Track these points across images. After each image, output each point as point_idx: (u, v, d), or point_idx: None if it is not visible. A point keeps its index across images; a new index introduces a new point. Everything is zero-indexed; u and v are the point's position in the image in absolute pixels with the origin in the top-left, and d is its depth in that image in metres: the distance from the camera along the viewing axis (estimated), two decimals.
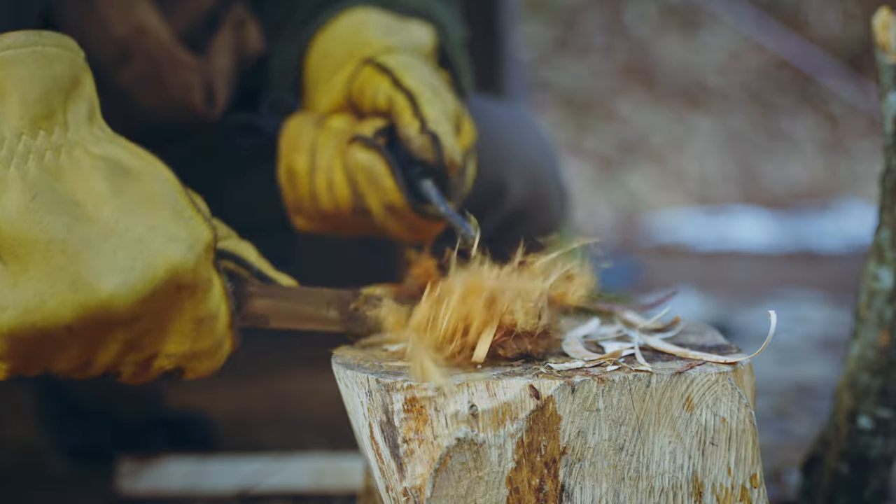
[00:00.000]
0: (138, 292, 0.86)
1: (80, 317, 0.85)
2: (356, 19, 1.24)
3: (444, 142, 1.08)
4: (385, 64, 1.14)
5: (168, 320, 0.90)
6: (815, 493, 1.23)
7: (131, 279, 0.86)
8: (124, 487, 1.51)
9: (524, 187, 1.47)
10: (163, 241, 0.87)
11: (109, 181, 0.88)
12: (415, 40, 1.21)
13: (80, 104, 0.90)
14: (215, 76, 1.27)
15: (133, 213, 0.87)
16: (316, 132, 1.16)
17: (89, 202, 0.86)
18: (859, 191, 5.60)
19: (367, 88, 1.15)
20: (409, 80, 1.11)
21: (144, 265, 0.86)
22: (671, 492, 0.87)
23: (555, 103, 6.38)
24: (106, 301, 0.85)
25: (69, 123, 0.89)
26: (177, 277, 0.88)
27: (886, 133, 1.13)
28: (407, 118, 1.10)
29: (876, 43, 1.14)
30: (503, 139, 1.47)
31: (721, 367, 0.88)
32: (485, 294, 0.90)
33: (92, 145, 0.89)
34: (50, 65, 0.88)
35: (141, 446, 1.62)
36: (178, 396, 1.78)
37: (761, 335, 2.64)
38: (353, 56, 1.19)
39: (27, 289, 0.83)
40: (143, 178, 0.90)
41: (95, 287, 0.85)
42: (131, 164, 0.90)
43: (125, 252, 0.86)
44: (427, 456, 0.85)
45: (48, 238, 0.84)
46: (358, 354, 0.97)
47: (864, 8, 6.38)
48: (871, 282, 1.16)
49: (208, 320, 0.92)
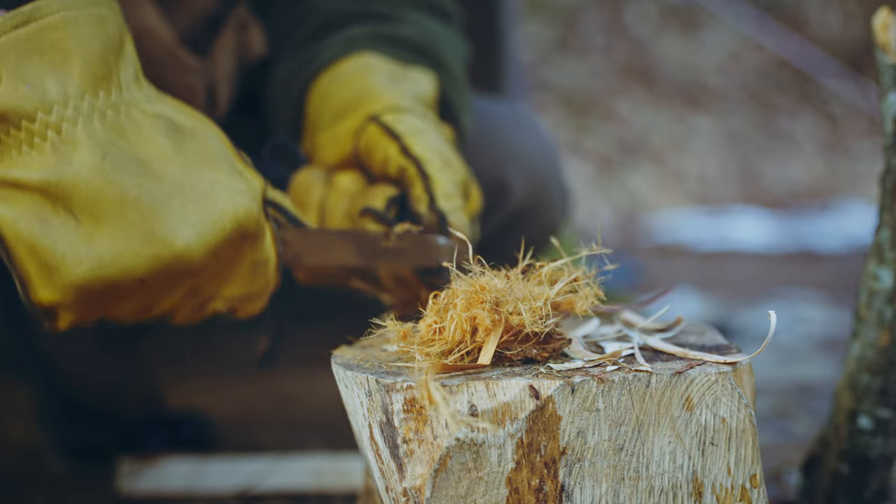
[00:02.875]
0: (209, 243, 0.91)
1: (155, 269, 0.90)
2: (361, 64, 1.24)
3: (450, 220, 1.09)
4: (392, 128, 1.14)
5: (231, 267, 0.95)
6: (815, 493, 1.23)
7: (203, 231, 0.91)
8: (124, 487, 1.51)
9: (526, 186, 1.47)
10: (227, 194, 0.93)
11: (169, 138, 0.92)
12: (418, 90, 1.22)
13: (128, 64, 0.94)
14: (217, 78, 1.27)
15: (196, 170, 0.92)
16: (325, 190, 1.16)
17: (153, 159, 0.91)
18: (859, 191, 5.61)
19: (375, 151, 1.15)
20: (418, 149, 1.12)
21: (214, 218, 0.92)
22: (671, 492, 0.87)
23: (555, 103, 6.39)
24: (182, 253, 0.90)
25: (122, 84, 0.93)
26: (243, 227, 0.94)
27: (886, 133, 1.14)
28: (417, 191, 1.11)
29: (876, 43, 1.14)
30: (504, 139, 1.47)
31: (721, 367, 0.88)
32: (490, 296, 0.90)
33: (145, 104, 0.93)
34: (105, 26, 0.92)
35: (141, 446, 1.62)
36: (178, 396, 1.78)
37: (761, 335, 2.65)
38: (359, 105, 1.19)
39: (102, 245, 0.88)
40: (196, 135, 0.95)
41: (170, 241, 0.90)
42: (183, 121, 0.95)
43: (195, 206, 0.91)
44: (427, 456, 0.85)
45: (121, 196, 0.88)
46: (358, 354, 0.97)
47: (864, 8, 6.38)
48: (871, 282, 1.16)
49: (262, 264, 0.98)
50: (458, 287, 0.91)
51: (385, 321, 0.93)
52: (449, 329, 0.89)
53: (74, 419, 1.69)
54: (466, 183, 1.16)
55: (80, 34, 0.90)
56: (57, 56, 0.89)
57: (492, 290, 0.90)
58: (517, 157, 1.47)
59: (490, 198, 1.41)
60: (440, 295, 0.92)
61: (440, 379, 0.86)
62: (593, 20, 6.76)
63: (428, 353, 0.90)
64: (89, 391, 1.69)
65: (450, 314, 0.90)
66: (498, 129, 1.46)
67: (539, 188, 1.51)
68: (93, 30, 0.90)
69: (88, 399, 1.69)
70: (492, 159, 1.40)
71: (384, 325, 0.93)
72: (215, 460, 1.53)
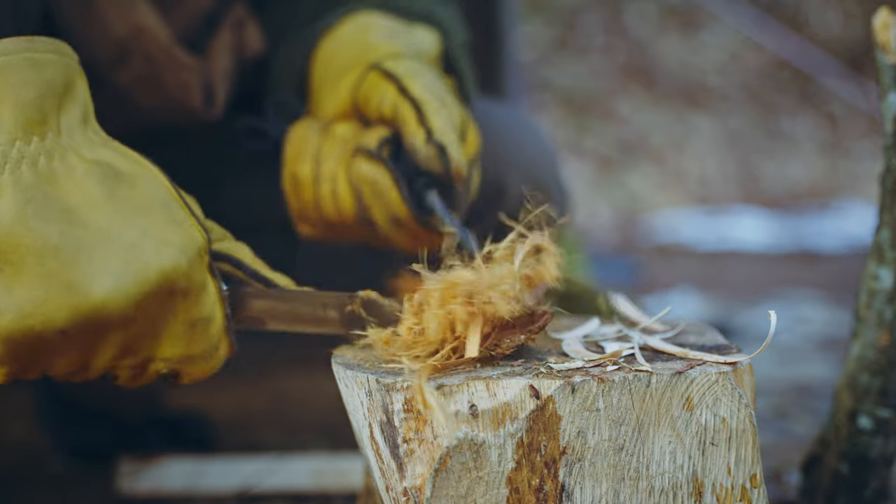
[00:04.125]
0: (131, 296, 0.86)
1: (74, 321, 0.85)
2: (361, 23, 1.24)
3: (450, 152, 1.08)
4: (391, 70, 1.14)
5: (162, 324, 0.90)
6: (815, 493, 1.23)
7: (123, 283, 0.86)
8: (124, 487, 1.51)
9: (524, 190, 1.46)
10: (155, 245, 0.88)
11: (103, 185, 0.88)
12: (420, 45, 1.21)
13: (73, 109, 0.90)
14: (214, 76, 1.27)
15: (125, 219, 0.88)
16: (321, 139, 1.15)
17: (83, 207, 0.87)
18: (859, 191, 5.60)
19: (372, 95, 1.14)
20: (415, 88, 1.11)
21: (136, 269, 0.87)
22: (671, 492, 0.87)
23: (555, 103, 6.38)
24: (99, 305, 0.85)
25: (62, 128, 0.89)
26: (169, 282, 0.88)
27: (886, 133, 1.13)
28: (412, 127, 1.10)
29: (876, 43, 1.14)
30: (503, 141, 1.46)
31: (721, 367, 0.88)
32: (462, 290, 0.90)
33: (85, 150, 0.89)
34: (42, 70, 0.88)
35: (141, 446, 1.62)
36: (177, 396, 1.78)
37: (761, 335, 2.64)
38: (359, 60, 1.19)
39: (22, 294, 0.84)
40: (136, 183, 0.90)
41: (88, 291, 0.85)
42: (124, 168, 0.90)
43: (117, 257, 0.86)
44: (427, 456, 0.85)
45: (41, 244, 0.84)
46: (358, 354, 0.97)
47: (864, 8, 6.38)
48: (871, 282, 1.16)
49: (202, 324, 0.92)
50: (431, 285, 0.91)
51: (368, 329, 0.94)
52: (429, 329, 0.89)
53: (74, 419, 1.69)
54: (464, 124, 1.14)
55: (13, 79, 0.86)
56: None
57: (463, 282, 0.90)
58: (515, 160, 1.47)
59: (487, 200, 1.41)
60: (413, 297, 0.92)
61: (436, 379, 0.86)
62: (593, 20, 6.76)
63: (417, 357, 0.90)
64: (89, 391, 1.69)
65: (426, 314, 0.90)
66: (495, 131, 1.45)
67: (536, 189, 1.50)
68: (27, 74, 0.87)
69: (88, 399, 1.69)
70: (489, 161, 1.40)
71: (365, 334, 0.93)
72: (215, 460, 1.53)
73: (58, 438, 1.70)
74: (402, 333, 0.91)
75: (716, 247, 4.74)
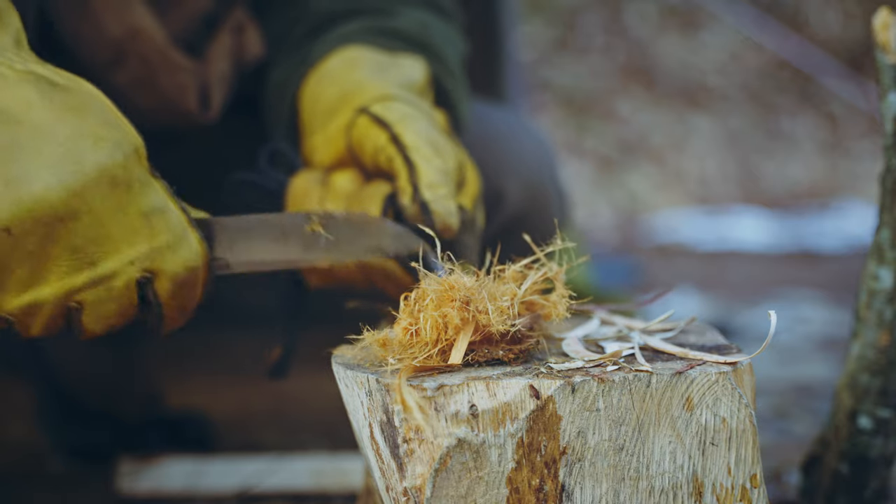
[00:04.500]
0: (69, 186, 0.88)
1: (18, 215, 0.86)
2: (346, 58, 1.22)
3: (433, 209, 1.05)
4: (381, 116, 1.11)
5: (113, 220, 0.90)
6: (815, 493, 1.23)
7: (62, 175, 0.88)
8: (124, 487, 1.51)
9: (522, 194, 1.45)
10: (91, 141, 0.90)
11: (37, 89, 0.90)
12: (408, 78, 1.19)
13: (3, 34, 0.92)
14: (211, 79, 1.27)
15: (60, 118, 0.89)
16: (322, 192, 1.13)
17: (15, 108, 0.88)
18: (859, 191, 5.60)
19: (366, 143, 1.12)
20: (407, 136, 1.09)
21: (73, 161, 0.88)
22: (671, 492, 0.87)
23: (555, 103, 6.38)
24: (39, 196, 0.87)
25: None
26: (107, 174, 0.89)
27: (886, 133, 1.14)
28: (402, 183, 1.08)
29: (876, 43, 1.14)
30: (500, 147, 1.45)
31: (721, 367, 0.88)
32: (460, 294, 0.90)
33: (17, 64, 0.91)
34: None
35: (141, 446, 1.62)
36: (178, 396, 1.78)
37: (761, 335, 2.65)
38: (347, 100, 1.17)
39: None
40: (71, 91, 0.91)
41: (27, 184, 0.87)
42: (59, 80, 0.92)
43: (54, 151, 0.88)
44: (427, 456, 0.85)
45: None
46: (358, 354, 0.97)
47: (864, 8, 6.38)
48: (871, 282, 1.16)
49: (157, 213, 0.92)
50: (429, 286, 0.91)
51: (363, 330, 0.93)
52: (424, 330, 0.89)
53: (74, 419, 1.69)
54: (462, 167, 1.12)
55: None
56: None
57: (461, 288, 0.90)
58: (513, 166, 1.46)
59: (486, 207, 1.40)
60: (410, 296, 0.92)
61: (421, 378, 0.86)
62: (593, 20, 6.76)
63: (412, 356, 0.90)
64: (89, 391, 1.69)
65: (422, 315, 0.90)
66: (494, 137, 1.45)
67: (536, 196, 1.49)
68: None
69: (88, 399, 1.69)
70: (487, 168, 1.39)
71: (362, 336, 0.93)
72: (215, 460, 1.53)
73: (58, 438, 1.70)
74: (398, 333, 0.91)
75: (716, 247, 4.74)
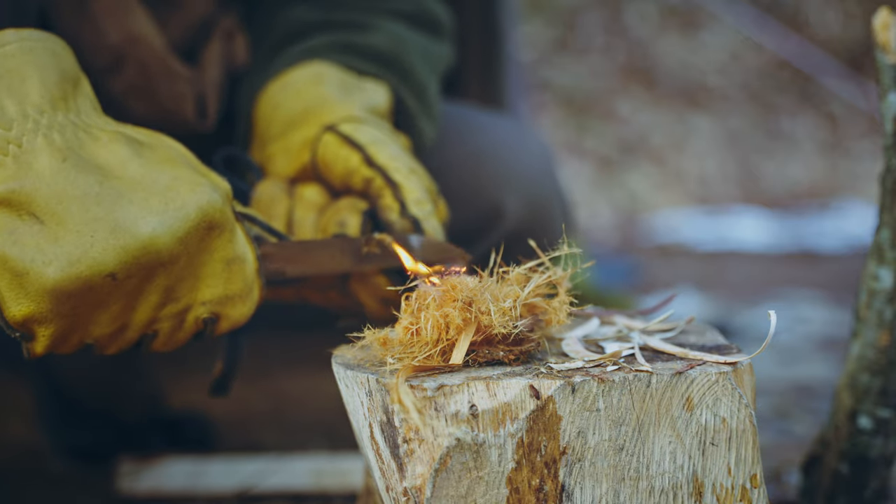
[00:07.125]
0: (175, 231, 0.92)
1: (124, 261, 0.90)
2: (311, 72, 1.22)
3: (425, 226, 1.08)
4: (352, 137, 1.13)
5: (201, 263, 0.95)
6: (815, 493, 1.23)
7: (167, 220, 0.92)
8: (124, 487, 1.51)
9: (522, 208, 1.42)
10: (189, 186, 0.94)
11: (129, 147, 0.94)
12: (370, 101, 1.20)
13: (84, 98, 0.97)
14: (207, 87, 1.26)
15: (156, 169, 0.94)
16: (290, 202, 1.15)
17: (113, 164, 0.93)
18: (859, 191, 5.60)
19: (335, 162, 1.13)
20: (381, 158, 1.11)
21: (176, 207, 0.93)
22: (671, 492, 0.87)
23: (555, 103, 6.38)
24: (148, 242, 0.91)
25: (80, 109, 0.95)
26: (207, 217, 0.94)
27: (886, 133, 1.14)
28: (387, 200, 1.10)
29: (876, 43, 1.14)
30: (500, 159, 1.43)
31: (721, 368, 0.88)
32: (462, 295, 0.90)
33: (105, 125, 0.96)
34: (60, 60, 0.95)
35: (141, 446, 1.62)
36: (178, 396, 1.79)
37: (761, 335, 2.65)
38: (311, 114, 1.17)
39: (69, 241, 0.89)
40: (157, 147, 0.97)
41: (135, 230, 0.91)
42: (144, 138, 0.97)
43: (157, 198, 0.92)
44: (427, 456, 0.85)
45: (83, 192, 0.90)
46: (358, 354, 0.97)
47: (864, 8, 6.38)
48: (871, 282, 1.16)
49: (237, 262, 0.98)
50: (431, 287, 0.91)
51: (364, 330, 0.93)
52: (425, 329, 0.89)
53: (74, 419, 1.69)
54: (432, 191, 1.14)
55: (37, 61, 0.93)
56: (14, 79, 0.92)
57: (463, 288, 0.90)
58: (513, 179, 1.42)
59: (484, 221, 1.39)
60: (412, 296, 0.92)
61: (421, 378, 0.86)
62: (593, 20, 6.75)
63: (412, 356, 0.89)
64: (89, 391, 1.69)
65: (423, 314, 0.90)
66: (493, 148, 1.42)
67: (537, 208, 1.46)
68: (48, 59, 0.94)
69: (88, 399, 1.69)
70: (486, 182, 1.38)
71: (362, 335, 0.93)
72: (215, 460, 1.53)
73: (58, 438, 1.70)
74: (399, 332, 0.91)
75: (716, 247, 4.74)
